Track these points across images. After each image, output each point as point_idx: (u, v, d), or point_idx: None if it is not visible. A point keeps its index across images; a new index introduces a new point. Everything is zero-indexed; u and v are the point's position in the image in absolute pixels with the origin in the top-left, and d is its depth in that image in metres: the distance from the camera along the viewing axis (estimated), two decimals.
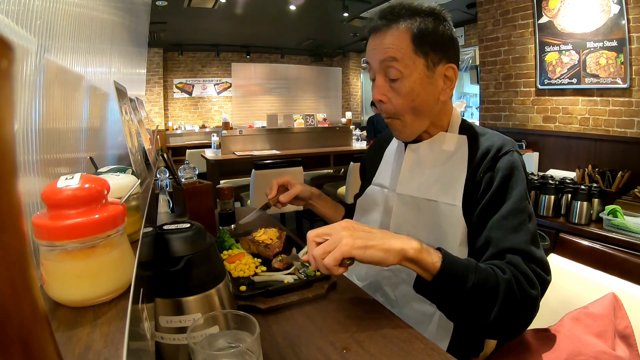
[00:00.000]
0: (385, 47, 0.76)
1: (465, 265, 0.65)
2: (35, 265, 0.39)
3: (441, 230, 0.78)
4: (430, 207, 0.81)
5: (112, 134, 1.18)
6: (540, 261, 0.69)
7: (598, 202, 1.89)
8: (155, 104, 6.85)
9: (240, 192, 3.36)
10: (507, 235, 0.70)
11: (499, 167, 0.75)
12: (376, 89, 0.80)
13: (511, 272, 0.66)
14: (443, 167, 0.82)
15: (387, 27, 0.77)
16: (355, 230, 0.63)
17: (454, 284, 0.63)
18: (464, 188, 0.77)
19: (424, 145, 0.85)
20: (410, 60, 0.75)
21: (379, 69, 0.78)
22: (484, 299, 0.63)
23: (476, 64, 4.72)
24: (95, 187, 0.39)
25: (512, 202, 0.72)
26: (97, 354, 0.30)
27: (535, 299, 0.66)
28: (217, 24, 5.57)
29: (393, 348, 0.59)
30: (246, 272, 0.84)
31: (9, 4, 0.42)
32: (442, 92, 0.79)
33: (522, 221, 0.71)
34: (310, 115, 4.64)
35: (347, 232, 0.62)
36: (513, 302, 0.64)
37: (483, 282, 0.63)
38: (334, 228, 0.64)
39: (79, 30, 0.76)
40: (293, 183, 1.04)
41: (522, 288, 0.64)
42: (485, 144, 0.79)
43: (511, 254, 0.69)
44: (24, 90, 0.45)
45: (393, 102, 0.79)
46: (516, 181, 0.74)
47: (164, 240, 0.57)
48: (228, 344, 0.48)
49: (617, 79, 2.23)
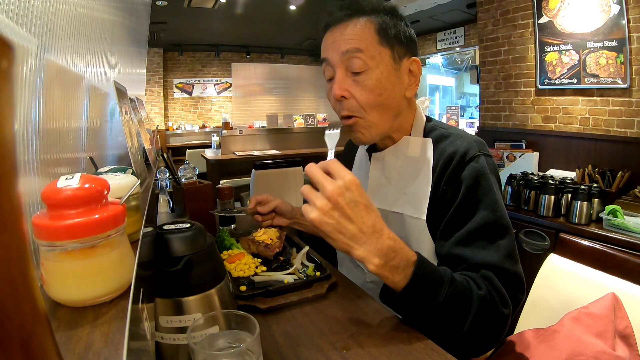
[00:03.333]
0: (348, 38, 0.71)
1: (439, 278, 0.60)
2: (35, 265, 0.39)
3: (409, 244, 0.75)
4: (397, 220, 0.78)
5: (112, 134, 1.18)
6: (514, 278, 0.66)
7: (598, 202, 1.89)
8: (155, 104, 6.85)
9: (240, 192, 3.36)
10: (479, 251, 0.66)
11: (464, 177, 0.70)
12: (337, 84, 0.72)
13: (487, 288, 0.62)
14: (408, 176, 0.78)
15: (349, 19, 0.72)
16: (333, 211, 0.56)
17: (423, 299, 0.60)
18: (431, 199, 0.73)
19: (388, 153, 0.81)
20: (375, 51, 0.70)
21: (339, 62, 0.72)
22: (456, 314, 0.60)
23: (476, 64, 4.72)
24: (95, 187, 0.39)
25: (481, 216, 0.67)
26: (97, 354, 0.30)
27: (507, 317, 0.63)
28: (217, 24, 5.57)
29: (393, 348, 0.59)
30: (246, 272, 0.84)
31: (9, 4, 0.42)
32: (407, 87, 0.75)
33: (493, 237, 0.66)
34: (310, 115, 4.64)
35: (321, 210, 0.56)
36: (486, 318, 0.61)
37: (456, 298, 0.60)
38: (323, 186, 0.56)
39: (79, 30, 0.76)
40: (272, 198, 1.03)
41: (495, 306, 0.61)
42: (449, 149, 0.73)
43: (486, 269, 0.65)
44: (24, 90, 0.45)
45: (357, 97, 0.72)
46: (483, 191, 0.68)
47: (164, 240, 0.57)
48: (228, 344, 0.48)
49: (617, 79, 2.23)
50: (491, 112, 3.07)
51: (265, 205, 1.02)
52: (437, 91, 7.24)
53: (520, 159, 2.68)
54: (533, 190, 2.09)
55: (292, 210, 1.05)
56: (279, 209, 1.04)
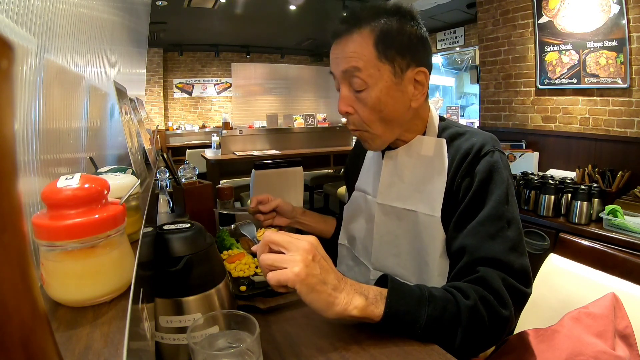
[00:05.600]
0: (347, 56, 0.70)
1: (418, 298, 0.60)
2: (35, 265, 0.39)
3: (422, 241, 0.75)
4: (410, 217, 0.78)
5: (112, 134, 1.18)
6: (519, 272, 0.65)
7: (598, 202, 1.89)
8: (155, 104, 6.85)
9: (240, 192, 3.36)
10: (483, 243, 0.66)
11: (478, 170, 0.71)
12: (341, 101, 0.75)
13: (477, 294, 0.61)
14: (422, 174, 0.78)
15: (348, 33, 0.71)
16: (314, 263, 0.55)
17: (406, 320, 0.59)
18: (444, 196, 0.73)
19: (402, 151, 0.81)
20: (374, 69, 0.70)
21: (342, 79, 0.74)
22: (444, 330, 0.60)
23: (476, 64, 4.72)
24: (95, 187, 0.39)
25: (489, 207, 0.68)
26: (97, 354, 0.30)
27: (507, 318, 0.62)
28: (217, 24, 5.57)
29: (393, 348, 0.59)
30: (246, 272, 0.84)
31: (9, 4, 0.42)
32: (413, 98, 0.74)
33: (500, 228, 0.67)
34: (310, 115, 4.64)
35: (304, 263, 0.54)
36: (479, 326, 0.60)
37: (439, 315, 0.59)
38: (295, 245, 0.55)
39: (79, 30, 0.76)
40: (272, 198, 1.04)
41: (491, 310, 0.61)
42: (464, 145, 0.74)
43: (486, 264, 0.65)
44: (24, 90, 0.45)
45: (360, 114, 0.74)
46: (495, 185, 0.69)
47: (164, 240, 0.57)
48: (228, 344, 0.48)
49: (617, 79, 2.23)
50: (491, 112, 3.07)
51: (267, 205, 1.02)
52: (437, 91, 7.24)
53: (520, 158, 2.68)
54: (533, 190, 2.09)
55: (292, 210, 1.06)
56: (279, 209, 1.04)
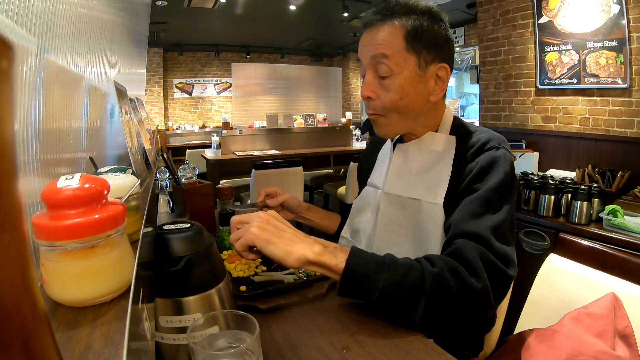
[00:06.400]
0: (377, 43, 0.75)
1: (378, 262, 0.63)
2: (35, 265, 0.39)
3: (424, 229, 0.78)
4: (414, 206, 0.80)
5: (112, 134, 1.18)
6: (499, 253, 0.66)
7: (598, 202, 1.89)
8: (155, 104, 6.85)
9: (240, 192, 3.36)
10: (468, 219, 0.69)
11: (479, 159, 0.74)
12: (365, 85, 0.79)
13: (445, 264, 0.63)
14: (430, 167, 0.81)
15: (381, 23, 0.76)
16: (268, 224, 0.64)
17: (363, 283, 0.62)
18: (448, 185, 0.76)
19: (412, 145, 0.85)
20: (401, 58, 0.74)
21: (369, 65, 0.78)
22: (404, 297, 0.61)
23: (476, 64, 4.72)
24: (95, 187, 0.39)
25: (481, 191, 0.71)
26: (97, 354, 0.30)
27: (479, 290, 0.62)
28: (217, 24, 5.57)
29: (393, 348, 0.59)
30: (246, 272, 0.84)
31: (9, 4, 0.42)
32: (432, 92, 0.78)
33: (486, 210, 0.69)
34: (310, 115, 4.64)
35: (258, 223, 0.64)
36: (445, 296, 0.61)
37: (399, 281, 0.61)
38: (251, 217, 0.66)
39: (79, 31, 0.76)
40: (280, 192, 1.06)
41: (461, 280, 0.62)
42: (471, 140, 0.79)
43: (467, 237, 0.66)
44: (24, 90, 0.45)
45: (382, 99, 0.78)
46: (493, 174, 0.72)
47: (164, 240, 0.57)
48: (228, 344, 0.48)
49: (617, 79, 2.23)
50: (491, 112, 3.06)
51: (274, 199, 1.04)
52: None
53: (520, 159, 2.68)
54: (533, 190, 2.09)
55: (298, 205, 1.07)
56: (286, 203, 1.05)
